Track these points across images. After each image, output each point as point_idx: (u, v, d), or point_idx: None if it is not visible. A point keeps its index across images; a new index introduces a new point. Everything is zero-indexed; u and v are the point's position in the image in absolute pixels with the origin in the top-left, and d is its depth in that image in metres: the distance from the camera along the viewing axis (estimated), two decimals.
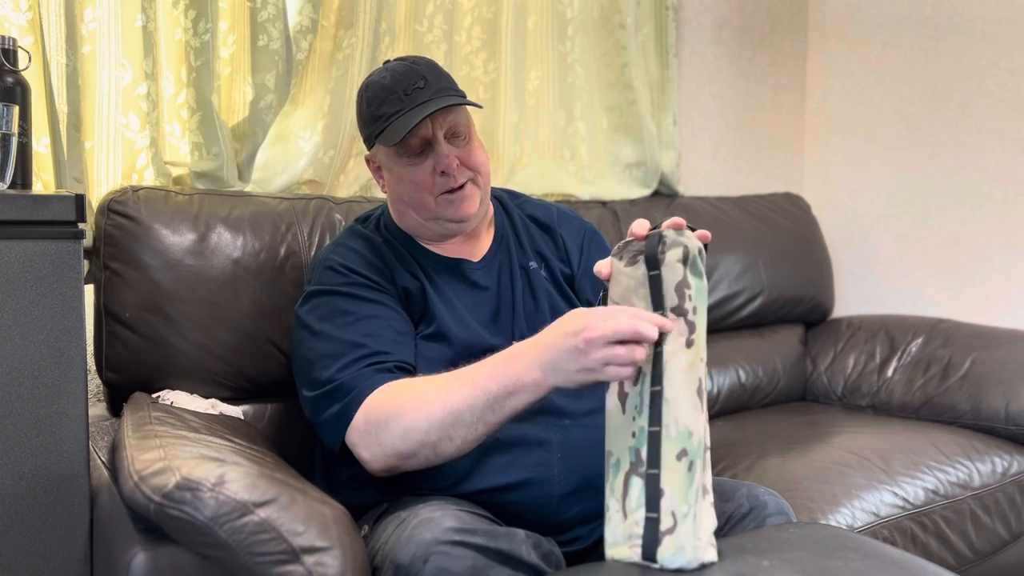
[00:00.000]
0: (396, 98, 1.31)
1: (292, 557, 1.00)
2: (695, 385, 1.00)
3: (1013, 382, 2.02)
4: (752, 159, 2.78)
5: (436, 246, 1.42)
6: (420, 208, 1.36)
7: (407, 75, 1.32)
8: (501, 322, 1.39)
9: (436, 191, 1.34)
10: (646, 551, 0.98)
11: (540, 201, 1.55)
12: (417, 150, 1.34)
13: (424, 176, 1.34)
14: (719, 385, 2.26)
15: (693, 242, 1.02)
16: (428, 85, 1.32)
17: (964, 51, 2.48)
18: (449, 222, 1.37)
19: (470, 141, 1.36)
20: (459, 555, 1.03)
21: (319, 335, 1.28)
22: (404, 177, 1.36)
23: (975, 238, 2.49)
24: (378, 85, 1.34)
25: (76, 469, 1.18)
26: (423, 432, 1.14)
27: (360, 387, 1.21)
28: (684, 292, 1.01)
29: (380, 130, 1.33)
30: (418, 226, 1.40)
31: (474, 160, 1.36)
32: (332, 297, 1.31)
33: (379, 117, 1.33)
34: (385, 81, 1.33)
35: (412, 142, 1.33)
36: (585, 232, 1.51)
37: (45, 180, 1.54)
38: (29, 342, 1.14)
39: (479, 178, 1.37)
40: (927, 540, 1.70)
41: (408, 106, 1.30)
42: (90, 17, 1.61)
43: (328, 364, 1.25)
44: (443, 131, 1.33)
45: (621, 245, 1.07)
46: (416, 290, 1.35)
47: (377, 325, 1.28)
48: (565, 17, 2.27)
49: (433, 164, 1.33)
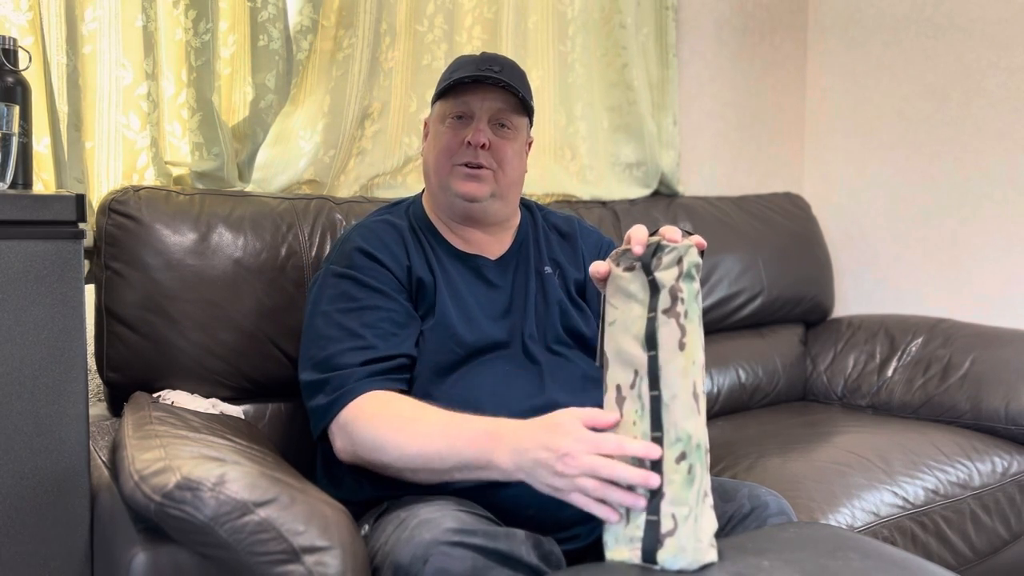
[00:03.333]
0: (470, 68, 1.41)
1: (292, 557, 1.00)
2: (690, 388, 1.01)
3: (1013, 382, 2.02)
4: (752, 159, 2.78)
5: (455, 237, 1.45)
6: (437, 171, 1.43)
7: (491, 59, 1.43)
8: (511, 320, 1.41)
9: (456, 159, 1.40)
10: (646, 554, 0.98)
11: (564, 213, 1.61)
12: (459, 113, 1.41)
13: (453, 141, 1.41)
14: (719, 385, 2.26)
15: (688, 251, 1.04)
16: (503, 71, 1.41)
17: (964, 51, 2.48)
18: (456, 196, 1.41)
19: (511, 139, 1.43)
20: (459, 555, 1.03)
21: (323, 315, 1.33)
22: (438, 137, 1.43)
23: (975, 238, 2.49)
24: (464, 57, 1.46)
25: (76, 469, 1.18)
26: (392, 458, 1.19)
27: (349, 387, 1.25)
28: (677, 296, 1.03)
29: (442, 87, 1.42)
30: (435, 196, 1.46)
31: (504, 154, 1.41)
32: (342, 280, 1.35)
33: (448, 78, 1.42)
34: (472, 56, 1.45)
35: (458, 105, 1.41)
36: (603, 245, 1.56)
37: (46, 180, 1.54)
38: (29, 342, 1.14)
39: (500, 175, 1.41)
40: (927, 540, 1.70)
41: (475, 75, 1.39)
42: (90, 17, 1.61)
43: (324, 346, 1.30)
44: (489, 112, 1.41)
45: (620, 251, 1.09)
46: (429, 282, 1.38)
47: (378, 316, 1.32)
48: (566, 17, 2.27)
49: (466, 135, 1.40)
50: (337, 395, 1.25)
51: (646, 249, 1.06)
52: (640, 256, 1.06)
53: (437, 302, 1.37)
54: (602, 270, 1.10)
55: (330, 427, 1.26)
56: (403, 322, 1.34)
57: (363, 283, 1.34)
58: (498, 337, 1.37)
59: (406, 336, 1.33)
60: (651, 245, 1.06)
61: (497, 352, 1.37)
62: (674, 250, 1.04)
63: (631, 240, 1.07)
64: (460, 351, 1.34)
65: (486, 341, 1.36)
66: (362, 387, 1.25)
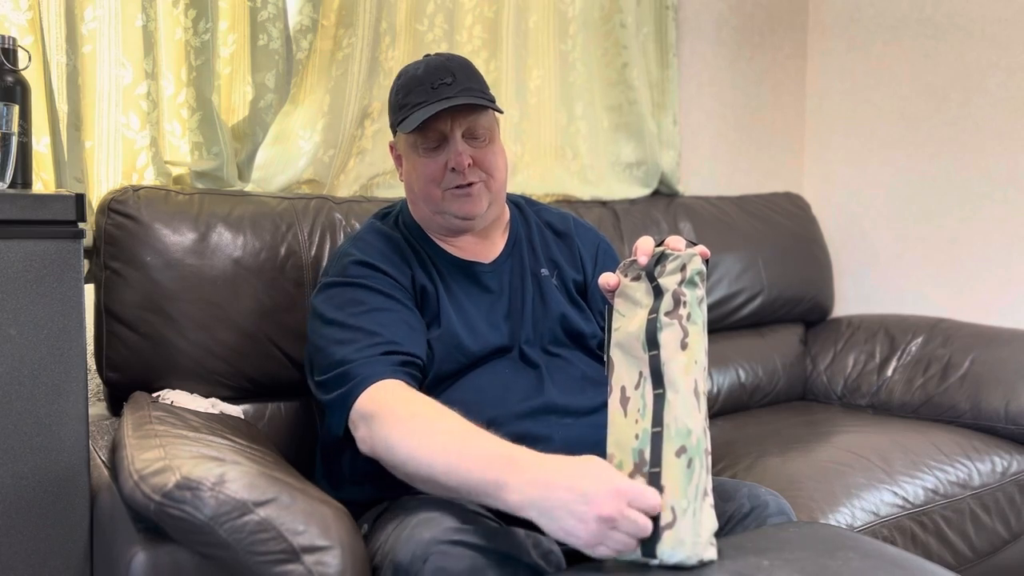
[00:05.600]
0: (423, 89, 1.34)
1: (292, 556, 1.00)
2: (692, 386, 1.04)
3: (1013, 381, 2.02)
4: (752, 159, 2.78)
5: (449, 244, 1.44)
6: (428, 200, 1.39)
7: (438, 70, 1.36)
8: (510, 324, 1.40)
9: (444, 185, 1.37)
10: (646, 547, 0.99)
11: (557, 210, 1.58)
12: (433, 143, 1.36)
13: (435, 169, 1.37)
14: (719, 384, 2.26)
15: (692, 259, 1.09)
16: (456, 82, 1.34)
17: (964, 51, 2.48)
18: (455, 218, 1.39)
19: (489, 144, 1.39)
20: (458, 555, 1.03)
21: (332, 323, 1.29)
22: (417, 167, 1.38)
23: (975, 238, 2.49)
24: (410, 75, 1.38)
25: (76, 468, 1.18)
26: (400, 461, 1.12)
27: (368, 373, 1.20)
28: (680, 299, 1.08)
29: (402, 118, 1.36)
30: (428, 218, 1.42)
31: (488, 163, 1.38)
32: (346, 288, 1.32)
33: (404, 106, 1.37)
34: (417, 72, 1.37)
35: (429, 134, 1.36)
36: (599, 244, 1.54)
37: (45, 179, 1.54)
38: (29, 341, 1.14)
39: (491, 181, 1.39)
40: (927, 539, 1.70)
41: (432, 99, 1.33)
42: (90, 16, 1.61)
43: (338, 349, 1.25)
44: (461, 129, 1.36)
45: (627, 262, 1.14)
46: (432, 291, 1.37)
47: (390, 317, 1.29)
48: (566, 16, 2.27)
49: (446, 159, 1.36)
50: (355, 382, 1.20)
51: (651, 259, 1.11)
52: (645, 266, 1.11)
53: (441, 312, 1.36)
54: (612, 282, 1.14)
55: (352, 417, 1.19)
56: (416, 326, 1.32)
57: (372, 288, 1.31)
58: (498, 343, 1.37)
59: (420, 339, 1.30)
60: (656, 254, 1.11)
61: (497, 357, 1.37)
62: (678, 258, 1.09)
63: (637, 251, 1.12)
64: (464, 360, 1.34)
65: (488, 348, 1.36)
66: (379, 373, 1.20)
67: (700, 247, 1.11)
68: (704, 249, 1.11)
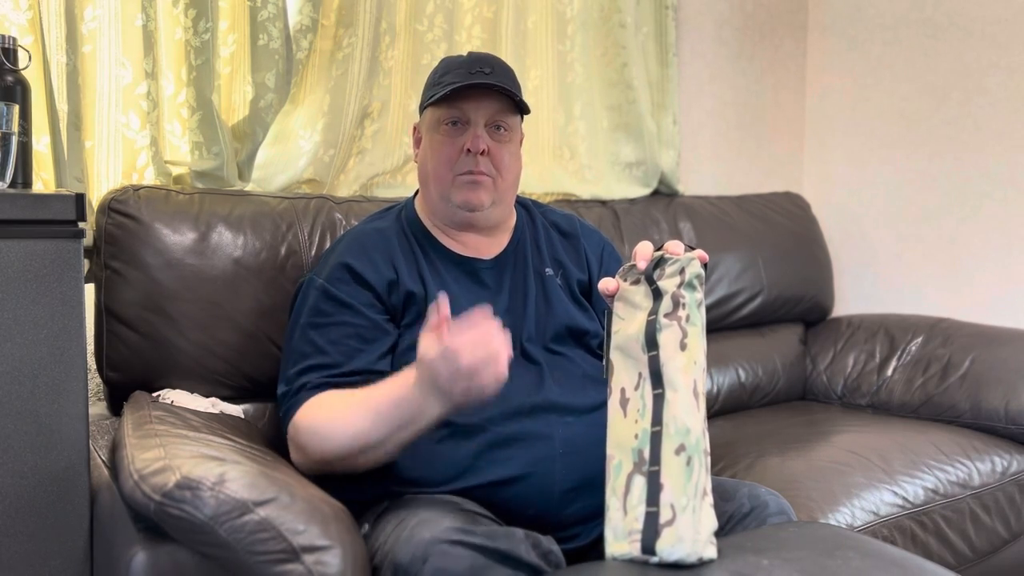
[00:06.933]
0: (461, 72, 1.39)
1: (292, 556, 1.00)
2: (691, 386, 1.05)
3: (1013, 381, 2.02)
4: (752, 158, 2.78)
5: (450, 240, 1.44)
6: (437, 182, 1.42)
7: (480, 60, 1.41)
8: (508, 321, 1.39)
9: (456, 170, 1.39)
10: (645, 545, 0.99)
11: (563, 211, 1.60)
12: (456, 118, 1.40)
13: (452, 150, 1.39)
14: (719, 384, 2.26)
15: (691, 262, 1.10)
16: (493, 74, 1.39)
17: (964, 51, 2.48)
18: (458, 207, 1.40)
19: (508, 143, 1.42)
20: (458, 554, 1.03)
21: (300, 328, 1.36)
22: (435, 146, 1.41)
23: (975, 238, 2.49)
24: (452, 60, 1.44)
25: (76, 468, 1.18)
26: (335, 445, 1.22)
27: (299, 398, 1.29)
28: (679, 301, 1.08)
29: (435, 93, 1.39)
30: (433, 205, 1.44)
31: (502, 160, 1.41)
32: (317, 293, 1.37)
33: (439, 83, 1.40)
34: (460, 58, 1.43)
35: (454, 112, 1.39)
36: (604, 246, 1.56)
37: (45, 179, 1.54)
38: (29, 341, 1.14)
39: (500, 180, 1.41)
40: (927, 539, 1.70)
41: (468, 81, 1.37)
42: (90, 16, 1.61)
43: (295, 361, 1.34)
44: (486, 117, 1.39)
45: (627, 267, 1.15)
46: (419, 292, 1.37)
47: (343, 333, 1.33)
48: (565, 16, 2.27)
49: (464, 142, 1.39)
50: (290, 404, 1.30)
51: (650, 263, 1.12)
52: (644, 270, 1.12)
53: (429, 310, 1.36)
54: (611, 287, 1.15)
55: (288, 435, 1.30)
56: (370, 337, 1.34)
57: (334, 297, 1.36)
58: None
59: (372, 351, 1.33)
60: (655, 259, 1.12)
61: None
62: (677, 262, 1.10)
63: (637, 256, 1.13)
64: None
65: None
66: (308, 396, 1.28)
67: (699, 251, 1.12)
68: (703, 253, 1.12)
